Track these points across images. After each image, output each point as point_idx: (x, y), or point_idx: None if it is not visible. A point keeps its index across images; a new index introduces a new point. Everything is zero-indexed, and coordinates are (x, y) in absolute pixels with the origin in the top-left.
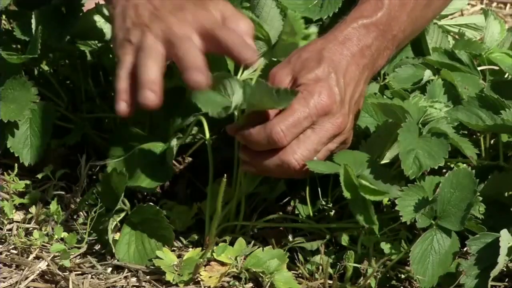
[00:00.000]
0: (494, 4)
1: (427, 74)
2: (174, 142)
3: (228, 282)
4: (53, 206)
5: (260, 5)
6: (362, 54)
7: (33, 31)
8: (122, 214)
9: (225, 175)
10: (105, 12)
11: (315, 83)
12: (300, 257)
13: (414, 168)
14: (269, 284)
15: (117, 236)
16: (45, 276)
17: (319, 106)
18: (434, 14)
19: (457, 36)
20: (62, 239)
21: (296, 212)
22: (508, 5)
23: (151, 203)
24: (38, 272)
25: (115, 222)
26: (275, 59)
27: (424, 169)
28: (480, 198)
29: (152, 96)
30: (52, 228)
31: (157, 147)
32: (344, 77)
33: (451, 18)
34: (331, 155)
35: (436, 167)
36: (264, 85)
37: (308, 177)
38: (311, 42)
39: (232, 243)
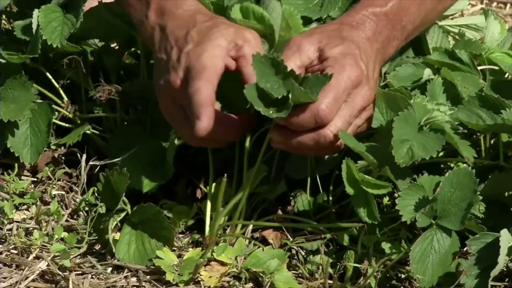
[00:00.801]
0: (494, 4)
1: (427, 73)
2: (174, 142)
3: (228, 282)
4: (53, 206)
5: (265, 4)
6: (375, 39)
7: (33, 31)
8: (123, 214)
9: (225, 175)
10: (105, 12)
11: (343, 57)
12: (300, 257)
13: (407, 157)
14: (269, 284)
15: (117, 236)
16: (45, 276)
17: (353, 78)
18: (445, 7)
19: (457, 37)
20: (62, 239)
21: (296, 210)
22: (508, 5)
23: (151, 203)
24: (38, 272)
25: (115, 222)
26: None
27: (416, 158)
28: (480, 197)
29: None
30: (52, 228)
31: (157, 147)
32: (364, 54)
33: (452, 19)
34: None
35: (428, 158)
36: (297, 88)
37: (339, 154)
38: (325, 24)
39: (232, 243)
